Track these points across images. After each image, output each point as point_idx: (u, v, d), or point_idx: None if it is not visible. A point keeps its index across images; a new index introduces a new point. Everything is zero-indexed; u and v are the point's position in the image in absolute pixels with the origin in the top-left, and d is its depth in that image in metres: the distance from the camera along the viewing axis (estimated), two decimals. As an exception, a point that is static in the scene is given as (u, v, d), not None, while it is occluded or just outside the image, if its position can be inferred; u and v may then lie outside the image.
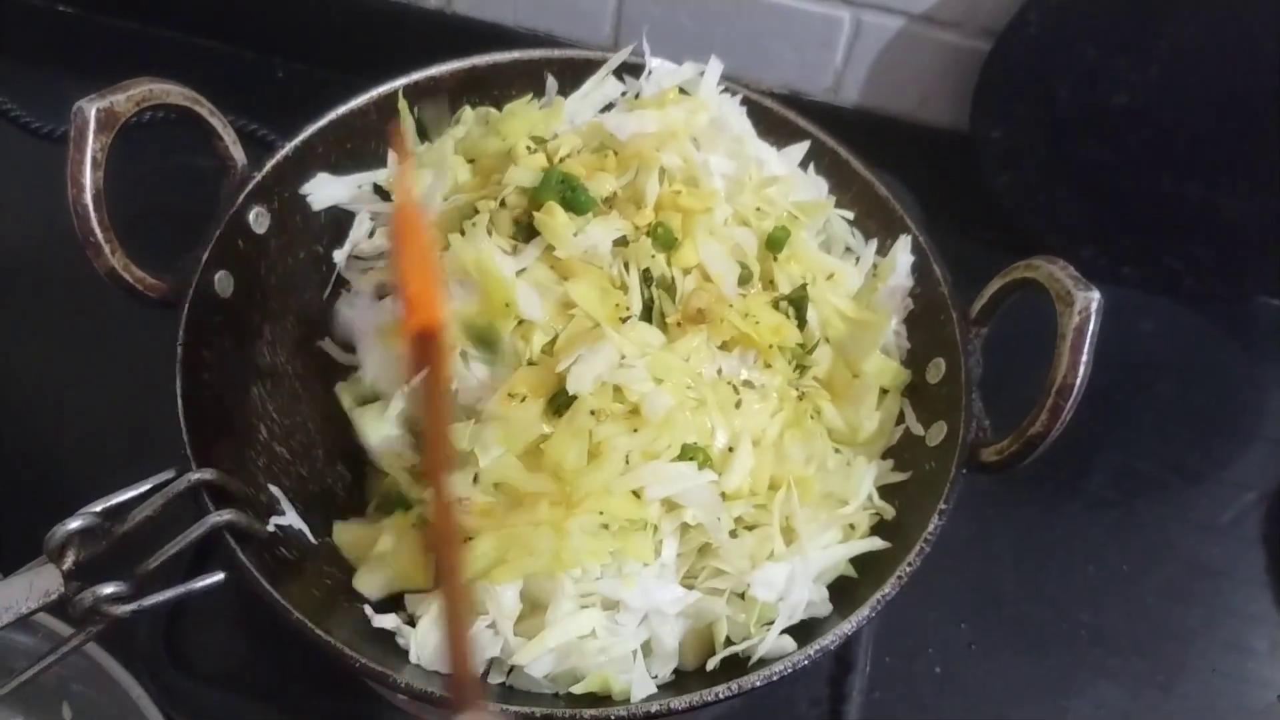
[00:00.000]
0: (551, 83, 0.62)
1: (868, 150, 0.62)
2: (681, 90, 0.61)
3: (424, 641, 0.47)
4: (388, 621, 0.49)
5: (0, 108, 0.86)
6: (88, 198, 0.48)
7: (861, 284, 0.57)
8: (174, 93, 0.51)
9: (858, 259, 0.57)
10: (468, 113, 0.61)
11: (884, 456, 0.55)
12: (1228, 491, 0.77)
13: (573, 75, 0.62)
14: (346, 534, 0.54)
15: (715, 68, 0.61)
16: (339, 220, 0.61)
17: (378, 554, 0.51)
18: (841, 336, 0.55)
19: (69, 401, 0.73)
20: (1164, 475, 0.77)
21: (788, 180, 0.59)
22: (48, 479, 0.69)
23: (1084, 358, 0.47)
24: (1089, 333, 0.47)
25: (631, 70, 0.63)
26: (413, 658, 0.47)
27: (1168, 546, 0.73)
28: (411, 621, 0.49)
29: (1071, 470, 0.76)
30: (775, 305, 0.54)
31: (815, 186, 0.59)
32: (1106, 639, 0.69)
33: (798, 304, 0.54)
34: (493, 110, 0.62)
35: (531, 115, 0.59)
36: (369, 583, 0.51)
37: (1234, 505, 0.76)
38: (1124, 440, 0.78)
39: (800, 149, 0.60)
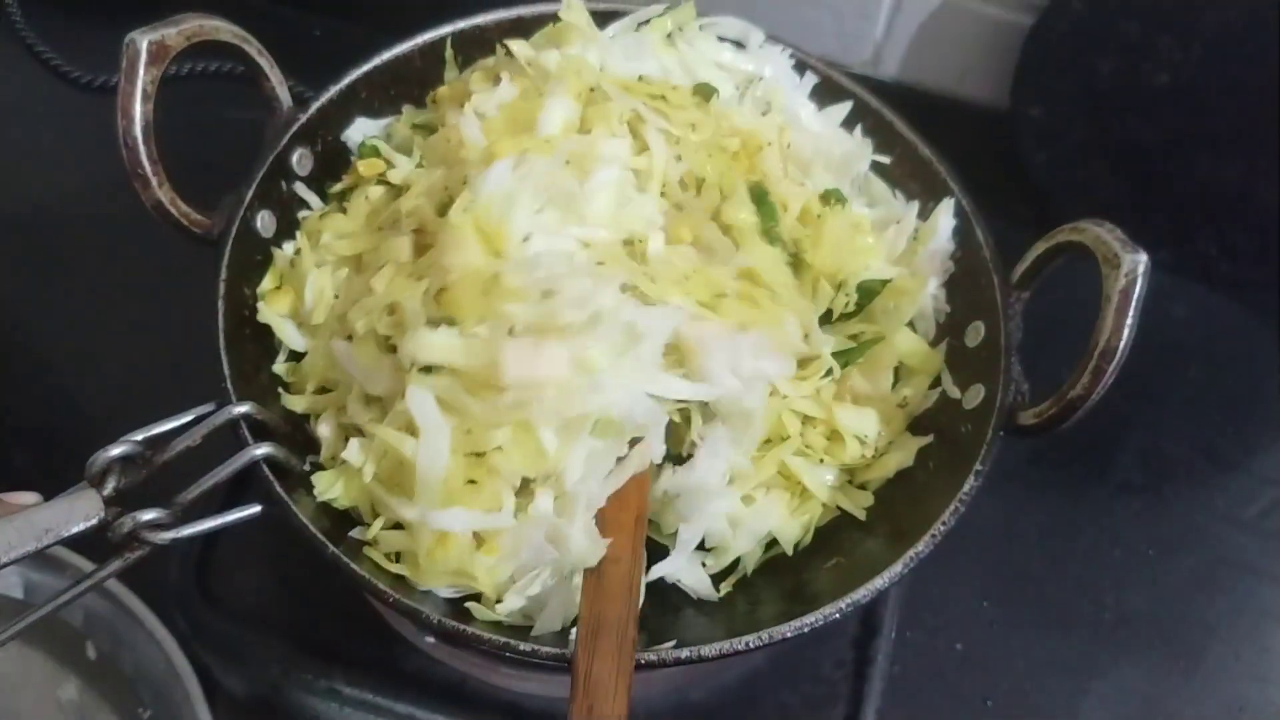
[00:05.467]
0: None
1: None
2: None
3: None
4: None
5: (43, 58, 0.87)
6: (138, 129, 0.48)
7: (903, 247, 0.56)
8: (223, 29, 0.52)
9: (899, 220, 0.57)
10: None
11: (917, 420, 0.55)
12: (1257, 484, 0.76)
13: (617, 29, 0.61)
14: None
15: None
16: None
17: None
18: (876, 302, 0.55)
19: (113, 340, 0.74)
20: (1193, 462, 0.76)
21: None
22: (91, 413, 0.70)
23: (1129, 320, 0.46)
24: (1135, 295, 0.46)
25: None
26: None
27: (1194, 534, 0.73)
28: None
29: (1100, 453, 0.76)
30: (837, 288, 0.53)
31: (859, 146, 0.59)
32: (1129, 623, 0.69)
33: (866, 292, 0.54)
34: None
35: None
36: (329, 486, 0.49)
37: (1263, 498, 0.75)
38: (1153, 425, 0.77)
39: (842, 109, 0.60)
